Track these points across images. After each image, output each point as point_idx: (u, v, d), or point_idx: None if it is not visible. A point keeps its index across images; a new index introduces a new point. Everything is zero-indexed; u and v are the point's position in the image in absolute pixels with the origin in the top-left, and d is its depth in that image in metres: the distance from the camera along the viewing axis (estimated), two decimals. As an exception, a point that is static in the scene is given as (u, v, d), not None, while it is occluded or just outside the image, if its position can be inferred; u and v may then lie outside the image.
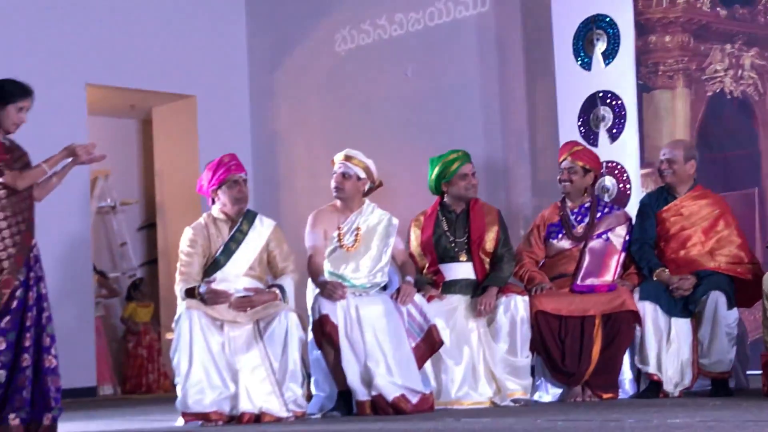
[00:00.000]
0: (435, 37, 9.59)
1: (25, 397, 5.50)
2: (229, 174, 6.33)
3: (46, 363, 5.59)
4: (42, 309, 5.64)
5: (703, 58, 7.87)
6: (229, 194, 6.34)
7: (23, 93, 5.66)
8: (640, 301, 6.55)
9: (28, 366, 5.53)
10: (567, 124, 8.14)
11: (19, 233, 5.61)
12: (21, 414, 5.48)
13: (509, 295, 6.54)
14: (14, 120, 5.65)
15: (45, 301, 5.66)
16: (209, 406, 5.94)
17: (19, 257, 5.58)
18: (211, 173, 6.36)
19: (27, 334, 5.55)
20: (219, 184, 6.34)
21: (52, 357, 5.62)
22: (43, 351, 5.59)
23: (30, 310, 5.57)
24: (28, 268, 5.62)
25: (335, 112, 10.45)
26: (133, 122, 12.70)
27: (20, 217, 5.62)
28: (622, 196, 7.80)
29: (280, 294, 6.28)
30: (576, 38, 8.12)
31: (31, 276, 5.63)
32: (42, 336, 5.61)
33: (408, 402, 6.06)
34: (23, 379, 5.50)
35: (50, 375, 5.60)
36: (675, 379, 6.52)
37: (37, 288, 5.64)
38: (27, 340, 5.55)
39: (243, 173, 6.40)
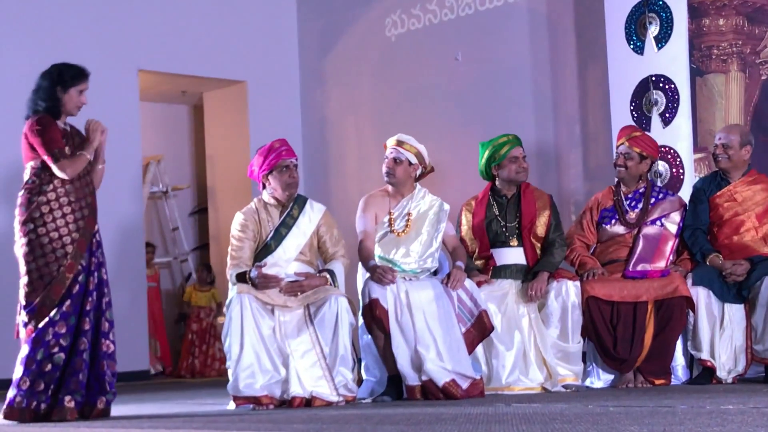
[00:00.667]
0: (485, 21, 9.55)
1: (81, 381, 5.58)
2: (280, 159, 6.35)
3: (103, 347, 5.67)
4: (102, 294, 5.72)
5: (757, 42, 7.77)
6: (280, 179, 6.36)
7: (82, 75, 5.77)
8: (693, 287, 6.51)
9: (85, 350, 5.60)
10: (619, 109, 8.08)
11: (83, 218, 5.69)
12: (76, 397, 5.55)
13: (560, 280, 6.51)
14: (77, 103, 5.76)
15: (105, 287, 5.75)
16: (260, 390, 5.98)
17: (82, 242, 5.66)
18: (262, 158, 6.38)
19: (86, 318, 5.63)
20: (270, 169, 6.36)
21: (109, 342, 5.70)
22: (101, 336, 5.67)
23: (90, 295, 5.65)
24: (90, 253, 5.71)
25: (385, 97, 10.44)
26: (185, 108, 12.77)
27: (83, 202, 5.71)
28: (675, 181, 7.74)
29: (330, 278, 6.30)
30: (628, 22, 8.05)
31: (93, 261, 5.71)
32: (101, 321, 5.69)
33: (458, 387, 6.06)
34: (80, 362, 5.57)
35: (107, 359, 5.68)
36: (728, 365, 6.47)
37: (98, 273, 5.72)
38: (86, 324, 5.62)
39: (294, 158, 6.41)
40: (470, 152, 9.43)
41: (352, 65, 10.81)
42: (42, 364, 5.53)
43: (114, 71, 9.98)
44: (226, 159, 11.54)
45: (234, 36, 10.95)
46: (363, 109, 10.70)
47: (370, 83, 10.63)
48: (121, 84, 10.16)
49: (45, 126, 5.63)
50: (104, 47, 10.03)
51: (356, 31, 10.76)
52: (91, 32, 10.03)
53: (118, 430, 4.98)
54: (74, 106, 5.74)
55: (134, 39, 10.33)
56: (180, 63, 10.76)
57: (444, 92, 9.89)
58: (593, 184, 8.65)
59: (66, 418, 5.49)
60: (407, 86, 10.21)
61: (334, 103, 11.02)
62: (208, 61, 10.89)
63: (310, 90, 11.24)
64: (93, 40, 9.97)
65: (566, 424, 4.14)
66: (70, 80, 5.72)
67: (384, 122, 10.11)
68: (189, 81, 11.38)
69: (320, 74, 11.13)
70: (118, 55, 10.18)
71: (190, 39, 10.69)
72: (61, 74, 5.73)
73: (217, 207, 11.77)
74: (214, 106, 11.80)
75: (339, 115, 10.96)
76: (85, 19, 10.06)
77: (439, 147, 8.98)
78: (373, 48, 10.57)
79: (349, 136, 10.86)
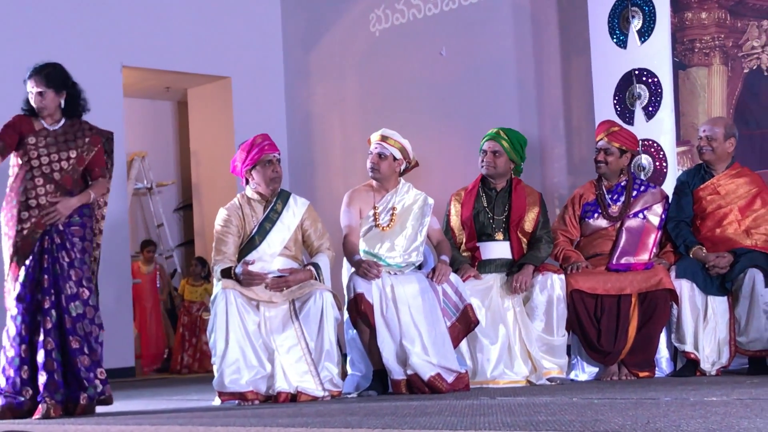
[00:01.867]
0: (469, 15, 9.56)
1: (57, 380, 5.57)
2: (263, 154, 6.35)
3: (72, 344, 5.63)
4: (61, 291, 5.67)
5: (739, 35, 7.80)
6: (263, 174, 6.36)
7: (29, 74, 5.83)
8: (677, 279, 6.52)
9: (53, 348, 5.58)
10: (603, 103, 8.10)
11: (29, 219, 5.69)
12: (56, 396, 5.55)
13: (545, 273, 6.53)
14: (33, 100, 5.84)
15: (69, 281, 5.68)
16: (245, 386, 5.98)
17: (27, 243, 5.65)
18: (244, 154, 6.38)
19: (47, 317, 5.61)
20: (253, 164, 6.36)
21: (78, 337, 5.64)
22: (66, 333, 5.63)
23: (47, 294, 5.62)
24: (41, 252, 5.68)
25: (370, 92, 10.45)
26: (169, 104, 12.75)
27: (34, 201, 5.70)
28: (659, 174, 7.76)
29: (315, 272, 6.30)
30: (611, 16, 8.07)
31: (45, 259, 5.66)
32: (63, 317, 5.64)
33: (443, 381, 6.07)
34: (51, 362, 5.56)
35: (78, 355, 5.64)
36: (712, 357, 6.49)
37: (53, 270, 5.67)
38: (48, 323, 5.60)
39: (277, 153, 6.41)
40: (454, 147, 9.46)
41: (337, 60, 10.81)
42: (12, 362, 5.58)
43: (98, 67, 9.97)
44: (211, 155, 11.54)
45: (218, 32, 10.94)
46: (347, 104, 10.70)
47: (354, 78, 10.64)
48: (105, 80, 10.13)
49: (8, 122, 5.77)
50: (88, 43, 10.01)
51: (340, 26, 10.76)
52: (74, 28, 10.01)
53: (103, 426, 4.98)
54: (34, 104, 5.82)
55: (118, 35, 10.31)
56: (164, 59, 10.75)
57: (428, 87, 9.89)
58: (577, 177, 8.67)
59: (50, 415, 5.49)
60: (392, 81, 10.21)
61: (319, 98, 11.02)
62: (192, 57, 10.87)
63: (295, 85, 11.23)
64: (77, 37, 9.96)
65: (551, 416, 4.15)
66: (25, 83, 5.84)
67: (368, 117, 10.12)
68: (173, 77, 11.37)
69: (305, 70, 11.13)
70: (102, 51, 10.16)
71: (174, 35, 10.68)
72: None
73: (202, 203, 11.76)
74: (198, 102, 11.79)
75: (324, 111, 10.96)
76: (68, 15, 10.04)
77: (424, 141, 8.98)
78: (357, 43, 10.58)
79: (334, 131, 10.86)
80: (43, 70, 5.80)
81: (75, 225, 5.76)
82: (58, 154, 5.76)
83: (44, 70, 5.80)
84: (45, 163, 5.74)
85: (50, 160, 5.74)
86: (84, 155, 5.83)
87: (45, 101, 5.77)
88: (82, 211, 5.80)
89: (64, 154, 5.77)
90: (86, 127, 5.91)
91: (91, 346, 5.70)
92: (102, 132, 5.97)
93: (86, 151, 5.84)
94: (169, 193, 12.67)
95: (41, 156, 5.74)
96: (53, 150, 5.76)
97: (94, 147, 5.87)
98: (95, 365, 5.70)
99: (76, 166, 5.80)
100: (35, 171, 5.72)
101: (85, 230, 5.80)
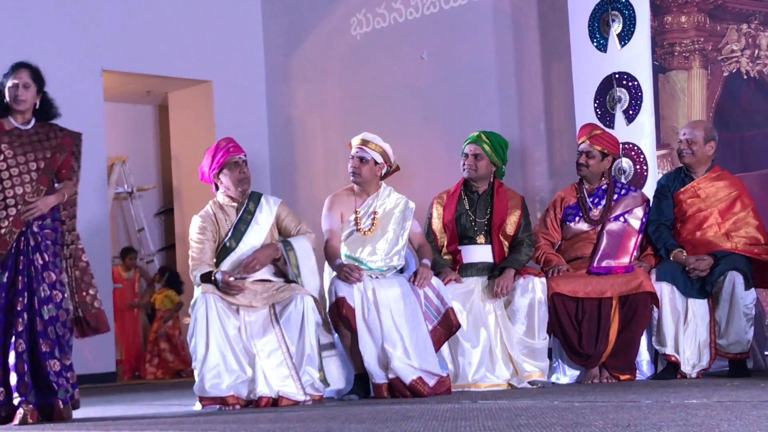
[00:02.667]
0: (450, 19, 9.57)
1: (27, 382, 5.51)
2: (228, 156, 6.33)
3: (42, 347, 5.57)
4: (33, 293, 5.63)
5: (719, 38, 7.83)
6: (231, 176, 6.35)
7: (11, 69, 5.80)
8: (657, 282, 6.54)
9: (23, 351, 5.53)
10: (583, 106, 8.12)
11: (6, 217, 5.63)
12: (29, 398, 5.50)
13: (526, 276, 6.53)
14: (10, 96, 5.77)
15: (43, 283, 5.62)
16: (226, 391, 5.97)
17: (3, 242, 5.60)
18: (210, 158, 6.37)
19: (19, 319, 5.55)
20: (220, 167, 6.35)
21: (48, 341, 5.60)
22: (37, 335, 5.57)
23: (20, 295, 5.58)
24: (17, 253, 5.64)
25: (351, 95, 10.45)
26: (150, 108, 12.73)
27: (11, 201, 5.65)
28: (639, 178, 7.78)
29: (282, 247, 6.27)
30: (591, 19, 8.08)
31: (20, 260, 5.62)
32: (35, 320, 5.59)
33: (425, 385, 6.07)
34: (21, 364, 5.51)
35: (48, 359, 5.58)
36: (692, 360, 6.52)
37: (28, 272, 5.63)
38: (19, 325, 5.55)
39: (242, 154, 6.39)
40: (435, 150, 9.47)
41: (318, 64, 10.80)
42: None
43: (78, 71, 9.94)
44: (192, 159, 11.49)
45: (198, 35, 10.92)
46: (329, 108, 10.69)
47: (335, 82, 10.63)
48: (85, 84, 10.10)
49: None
50: (68, 47, 9.98)
51: (321, 30, 10.76)
52: (54, 32, 9.98)
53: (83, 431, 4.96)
54: (11, 100, 5.75)
55: (98, 39, 10.28)
56: (144, 63, 10.72)
57: (410, 90, 9.90)
58: (558, 181, 8.69)
59: (27, 421, 5.44)
60: (373, 85, 10.21)
61: (300, 102, 11.01)
62: (172, 61, 10.85)
63: (276, 89, 11.22)
64: (56, 41, 9.92)
65: (532, 419, 4.16)
66: (5, 78, 5.78)
67: (350, 121, 10.11)
68: (154, 81, 11.34)
69: (286, 73, 11.12)
70: (82, 56, 10.13)
71: (154, 39, 10.65)
72: (4, 75, 5.81)
73: (183, 207, 11.73)
74: (179, 105, 11.76)
75: (305, 114, 10.96)
76: (48, 19, 10.00)
77: (405, 145, 8.98)
78: (338, 47, 10.57)
79: (316, 135, 10.85)
80: (29, 65, 5.79)
81: (47, 228, 5.72)
82: (34, 154, 5.72)
83: (31, 66, 5.80)
84: (21, 162, 5.69)
85: (26, 159, 5.70)
86: (57, 155, 5.79)
87: (28, 94, 5.74)
88: (54, 215, 5.76)
89: (40, 153, 5.73)
90: (57, 128, 5.87)
91: (63, 349, 5.65)
92: (72, 134, 5.92)
93: (59, 151, 5.80)
94: (150, 198, 12.64)
95: (17, 155, 5.69)
96: (28, 149, 5.72)
97: (67, 148, 5.84)
98: (66, 369, 5.64)
99: (50, 165, 5.77)
100: (12, 170, 5.67)
101: (57, 234, 5.76)
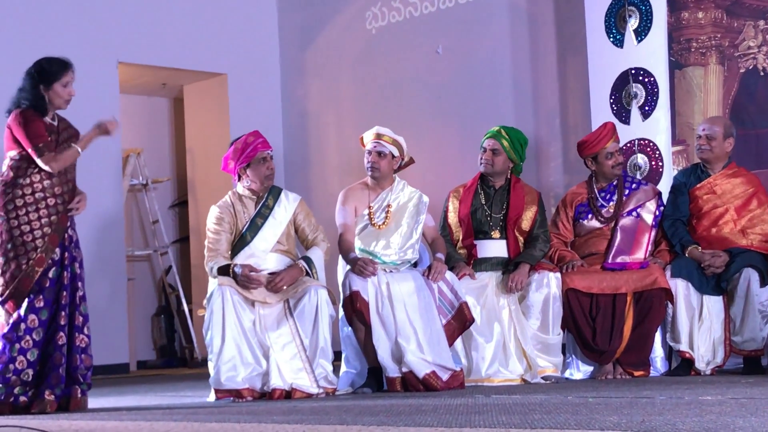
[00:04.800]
0: (466, 14, 9.55)
1: (61, 375, 5.59)
2: (257, 152, 6.36)
3: (77, 342, 5.67)
4: (76, 289, 5.71)
5: (736, 35, 7.80)
6: (258, 171, 6.36)
7: (64, 69, 5.76)
8: (672, 279, 6.53)
9: (63, 344, 5.61)
10: (599, 102, 8.09)
11: (57, 213, 5.68)
12: (56, 391, 5.55)
13: (541, 271, 6.53)
14: (64, 97, 5.76)
15: (80, 281, 5.75)
16: (242, 383, 5.99)
17: (54, 237, 5.66)
18: (239, 152, 6.39)
19: (62, 313, 5.63)
20: (248, 162, 6.37)
21: (84, 336, 5.69)
22: (75, 330, 5.67)
23: (65, 290, 5.65)
24: (63, 248, 5.69)
25: (366, 89, 10.44)
26: (165, 100, 12.72)
27: (59, 198, 5.70)
28: (654, 174, 7.76)
29: (306, 266, 6.29)
30: (608, 15, 8.06)
31: (66, 256, 5.70)
32: (75, 315, 5.67)
33: (438, 379, 6.07)
34: (59, 357, 5.58)
35: (81, 353, 5.68)
36: (707, 356, 6.50)
37: (71, 268, 5.71)
38: (62, 319, 5.62)
39: (270, 150, 6.42)
40: (450, 145, 9.46)
41: (333, 58, 10.80)
42: (15, 360, 5.55)
43: (94, 63, 9.94)
44: (207, 151, 11.51)
45: (214, 28, 10.92)
46: (344, 102, 10.69)
47: (350, 76, 10.63)
48: (101, 76, 10.11)
49: (28, 119, 5.63)
50: (84, 39, 9.99)
51: (337, 23, 10.75)
52: (70, 24, 9.99)
53: (97, 422, 4.97)
54: (63, 101, 5.76)
55: (114, 31, 10.29)
56: (160, 55, 10.73)
57: (424, 85, 9.88)
58: (573, 176, 8.66)
59: (46, 410, 5.49)
60: (388, 79, 10.20)
61: (315, 95, 11.01)
62: (188, 54, 10.85)
63: (291, 83, 11.22)
64: (72, 32, 9.93)
65: (546, 414, 4.15)
66: (53, 76, 5.72)
67: (365, 115, 10.10)
68: (169, 73, 11.34)
69: (301, 67, 11.12)
70: (98, 48, 10.14)
71: (170, 31, 10.66)
72: (42, 72, 5.73)
73: (198, 199, 11.74)
74: (194, 98, 11.76)
75: (319, 108, 10.95)
76: (64, 11, 10.02)
77: (420, 139, 8.98)
78: (353, 41, 10.57)
79: (330, 129, 10.85)
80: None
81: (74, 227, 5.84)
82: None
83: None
84: None
85: None
86: None
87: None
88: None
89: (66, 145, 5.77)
90: (67, 122, 5.90)
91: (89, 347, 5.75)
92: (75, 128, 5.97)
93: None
94: (165, 190, 12.63)
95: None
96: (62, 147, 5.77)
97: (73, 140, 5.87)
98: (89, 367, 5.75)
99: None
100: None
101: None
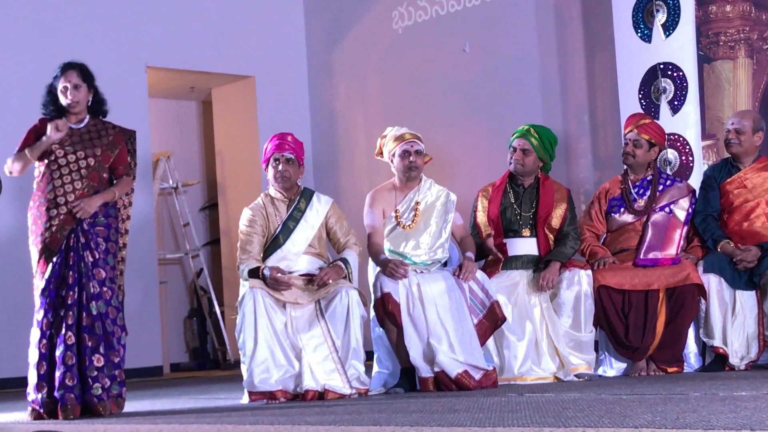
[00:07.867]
0: (492, 11, 9.55)
1: (74, 374, 5.59)
2: (274, 151, 6.39)
3: (87, 342, 5.64)
4: (84, 288, 5.70)
5: (764, 28, 7.76)
6: (272, 171, 6.39)
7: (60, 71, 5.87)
8: (705, 274, 6.50)
9: (73, 344, 5.61)
10: (627, 97, 8.07)
11: (57, 216, 5.74)
12: (75, 391, 5.57)
13: (572, 269, 6.51)
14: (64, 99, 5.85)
15: (93, 280, 5.70)
16: (275, 385, 6.00)
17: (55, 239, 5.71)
18: (265, 148, 6.45)
19: (69, 312, 5.64)
20: (266, 161, 6.42)
21: (95, 336, 5.65)
22: (82, 330, 5.65)
23: (71, 290, 5.66)
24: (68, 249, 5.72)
25: (393, 89, 10.45)
26: (193, 104, 12.78)
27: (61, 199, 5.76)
28: (684, 169, 7.73)
29: (344, 267, 6.30)
30: (635, 10, 8.04)
31: (71, 256, 5.71)
32: (82, 315, 5.67)
33: (471, 378, 6.07)
34: (70, 356, 5.60)
35: (91, 354, 5.63)
36: (740, 352, 6.47)
37: (78, 268, 5.70)
38: (69, 318, 5.63)
39: (288, 152, 6.38)
40: (478, 143, 9.45)
41: (360, 58, 10.81)
42: (39, 366, 5.62)
43: (122, 68, 10.00)
44: (236, 154, 11.56)
45: (242, 31, 10.97)
46: (371, 102, 10.70)
47: (377, 76, 10.64)
48: (130, 81, 10.17)
49: (30, 128, 5.83)
50: (112, 44, 10.05)
51: (363, 24, 10.76)
52: (99, 30, 10.06)
53: (132, 425, 5.00)
54: (65, 103, 5.84)
55: (142, 36, 10.35)
56: (188, 59, 10.78)
57: (452, 83, 9.88)
58: (603, 172, 8.64)
59: (70, 416, 5.51)
60: (415, 78, 10.21)
61: (343, 96, 11.03)
62: (216, 57, 10.90)
63: (318, 84, 11.24)
64: (101, 38, 10.00)
65: (579, 412, 4.14)
66: (55, 80, 5.87)
67: (392, 115, 10.10)
68: (197, 77, 11.39)
69: (328, 68, 11.14)
70: (127, 52, 10.20)
71: (197, 35, 10.71)
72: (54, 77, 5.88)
73: (228, 202, 11.78)
74: (222, 101, 11.81)
75: (347, 108, 10.97)
76: (93, 16, 10.08)
77: (448, 138, 8.98)
78: (380, 40, 10.58)
79: (358, 129, 10.87)
80: (77, 65, 5.87)
81: (99, 225, 5.80)
82: (84, 152, 5.82)
83: (78, 65, 5.88)
84: (72, 161, 5.80)
85: (77, 158, 5.80)
86: (109, 153, 5.88)
87: (80, 95, 5.83)
88: (107, 212, 5.84)
89: (90, 151, 5.82)
90: (109, 126, 5.96)
91: (113, 346, 5.70)
92: (125, 131, 6.01)
93: (110, 148, 5.88)
94: (195, 193, 12.69)
95: (68, 154, 5.79)
96: (79, 148, 5.81)
97: (118, 145, 5.92)
98: (114, 366, 5.70)
99: (102, 163, 5.86)
100: (63, 169, 5.78)
101: (110, 231, 5.83)
